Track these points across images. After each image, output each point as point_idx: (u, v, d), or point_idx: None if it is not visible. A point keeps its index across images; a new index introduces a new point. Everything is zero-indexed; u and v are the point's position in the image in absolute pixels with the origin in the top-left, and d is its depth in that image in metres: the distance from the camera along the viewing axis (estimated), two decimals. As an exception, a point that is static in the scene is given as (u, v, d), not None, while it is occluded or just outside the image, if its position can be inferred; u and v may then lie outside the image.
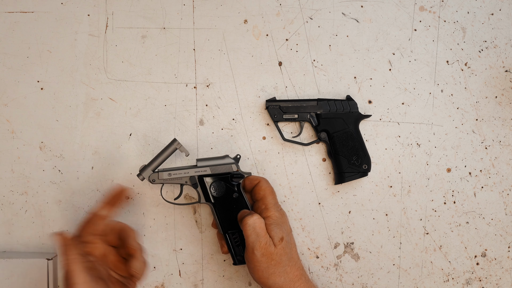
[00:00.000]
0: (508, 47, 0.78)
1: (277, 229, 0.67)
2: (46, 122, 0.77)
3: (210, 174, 0.70)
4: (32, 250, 0.76)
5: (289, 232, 0.69)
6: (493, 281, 0.78)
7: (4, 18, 0.77)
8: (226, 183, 0.70)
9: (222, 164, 0.71)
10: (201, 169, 0.71)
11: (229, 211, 0.70)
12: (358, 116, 0.75)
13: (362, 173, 0.75)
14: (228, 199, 0.70)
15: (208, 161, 0.71)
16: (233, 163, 0.71)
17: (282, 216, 0.69)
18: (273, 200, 0.70)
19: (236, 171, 0.70)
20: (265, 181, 0.71)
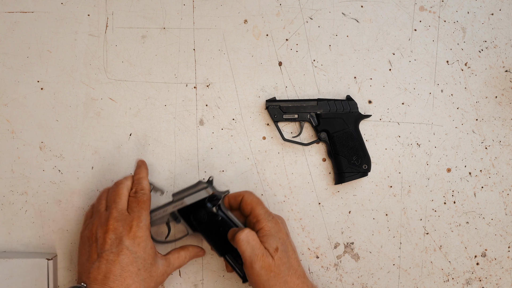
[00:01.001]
0: (508, 47, 0.78)
1: (271, 239, 0.66)
2: (46, 122, 0.77)
3: (187, 205, 0.70)
4: (32, 250, 0.76)
5: (285, 240, 0.68)
6: (493, 281, 0.78)
7: (4, 18, 0.77)
8: (205, 208, 0.70)
9: (195, 192, 0.70)
10: (177, 203, 0.70)
11: (219, 234, 0.70)
12: (358, 116, 0.75)
13: (362, 173, 0.75)
14: (213, 223, 0.70)
15: (183, 193, 0.71)
16: (205, 187, 0.70)
17: (276, 224, 0.68)
18: (262, 211, 0.69)
19: (212, 193, 0.70)
20: (248, 194, 0.71)
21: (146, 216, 0.67)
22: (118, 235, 0.65)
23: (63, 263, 0.76)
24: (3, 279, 0.72)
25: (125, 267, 0.64)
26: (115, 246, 0.64)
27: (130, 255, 0.64)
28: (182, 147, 0.77)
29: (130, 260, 0.64)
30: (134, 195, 0.69)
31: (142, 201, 0.68)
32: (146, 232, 0.66)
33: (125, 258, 0.64)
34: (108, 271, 0.63)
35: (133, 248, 0.65)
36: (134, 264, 0.64)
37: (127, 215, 0.67)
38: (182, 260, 0.71)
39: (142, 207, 0.67)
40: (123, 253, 0.64)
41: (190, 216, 0.70)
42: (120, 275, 0.63)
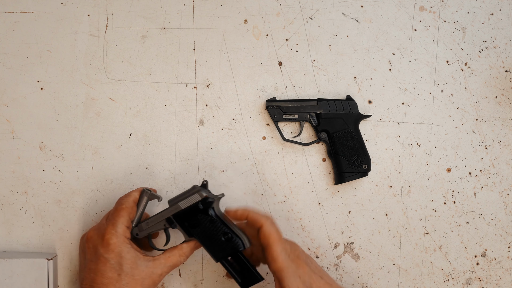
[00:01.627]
0: (508, 47, 0.78)
1: (292, 279, 0.65)
2: (46, 122, 0.77)
3: (182, 209, 0.69)
4: (32, 250, 0.76)
5: (308, 275, 0.66)
6: (493, 281, 0.78)
7: (4, 18, 0.77)
8: (199, 212, 0.69)
9: (189, 195, 0.69)
10: (172, 208, 0.70)
11: (213, 238, 0.69)
12: (358, 116, 0.75)
13: (362, 173, 0.75)
14: (206, 227, 0.69)
15: (178, 198, 0.70)
16: (198, 190, 0.69)
17: (293, 262, 0.66)
18: (280, 250, 0.66)
19: (205, 196, 0.69)
20: (268, 225, 0.67)
21: (121, 223, 0.67)
22: (94, 243, 0.67)
23: (63, 263, 0.76)
24: (3, 279, 0.72)
25: (105, 274, 0.65)
26: (94, 255, 0.66)
27: (107, 262, 0.65)
28: (182, 147, 0.77)
29: (108, 267, 0.65)
30: (116, 203, 0.69)
31: (120, 208, 0.68)
32: (120, 238, 0.66)
33: (102, 266, 0.65)
34: (93, 280, 0.65)
35: (107, 255, 0.65)
36: (112, 271, 0.65)
37: (103, 225, 0.68)
38: (176, 259, 0.69)
39: (117, 215, 0.67)
40: (100, 261, 0.65)
41: (184, 221, 0.69)
42: (102, 282, 0.64)
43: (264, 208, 0.77)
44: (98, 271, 0.65)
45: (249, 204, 0.77)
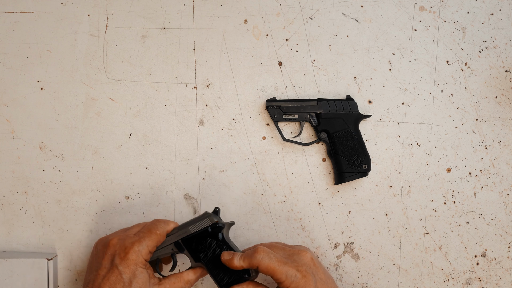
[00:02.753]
0: (508, 47, 0.78)
1: None
2: (46, 122, 0.77)
3: (191, 233, 0.69)
4: (32, 250, 0.76)
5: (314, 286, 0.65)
6: (493, 281, 0.78)
7: (4, 18, 0.77)
8: (209, 237, 0.69)
9: (199, 220, 0.69)
10: (182, 232, 0.69)
11: (220, 264, 0.68)
12: (358, 116, 0.75)
13: (362, 173, 0.75)
14: (214, 253, 0.68)
15: (187, 223, 0.70)
16: (209, 215, 0.69)
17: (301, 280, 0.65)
18: (281, 275, 0.65)
19: (215, 222, 0.68)
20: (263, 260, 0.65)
21: (147, 245, 0.66)
22: (113, 252, 0.66)
23: (63, 263, 0.76)
24: (3, 279, 0.72)
25: (113, 286, 0.64)
26: (108, 263, 0.66)
27: (118, 275, 0.64)
28: (182, 147, 0.77)
29: (118, 280, 0.64)
30: (149, 225, 0.69)
31: (154, 232, 0.67)
32: (139, 258, 0.65)
33: (113, 276, 0.64)
34: (99, 286, 0.64)
35: (122, 268, 0.65)
36: (121, 284, 0.64)
37: (130, 237, 0.67)
38: (180, 286, 0.68)
39: (149, 236, 0.67)
40: (113, 271, 0.65)
41: (192, 243, 0.69)
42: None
43: (264, 208, 0.77)
44: (107, 280, 0.64)
45: (248, 204, 0.77)
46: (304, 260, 0.67)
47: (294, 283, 0.65)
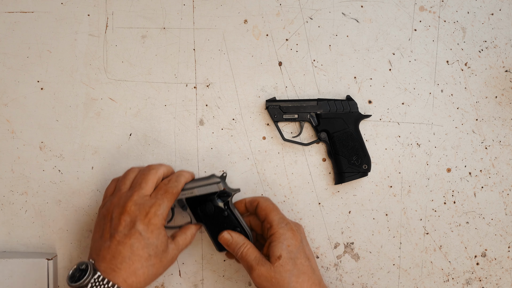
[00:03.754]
0: (508, 47, 0.78)
1: (276, 247, 0.66)
2: (46, 122, 0.77)
3: (197, 195, 0.70)
4: (32, 250, 0.76)
5: (296, 247, 0.67)
6: (493, 281, 0.78)
7: (4, 18, 0.77)
8: (214, 202, 0.70)
9: (207, 185, 0.70)
10: (187, 192, 0.70)
11: (221, 230, 0.70)
12: (358, 116, 0.75)
13: (362, 173, 0.75)
14: (218, 217, 0.70)
15: (194, 183, 0.70)
16: (218, 182, 0.70)
17: (288, 231, 0.68)
18: (276, 217, 0.69)
19: (223, 189, 0.70)
20: (264, 199, 0.71)
21: (166, 206, 0.67)
22: (133, 218, 0.65)
23: (63, 263, 0.76)
24: (3, 279, 0.72)
25: (135, 251, 0.63)
26: (128, 229, 0.64)
27: (142, 240, 0.64)
28: (182, 147, 0.77)
29: (142, 245, 0.64)
30: (166, 183, 0.68)
31: (171, 192, 0.68)
32: (161, 221, 0.66)
33: (136, 242, 0.64)
34: (118, 252, 0.63)
35: (145, 233, 0.64)
36: (145, 250, 0.64)
37: (148, 200, 0.66)
38: (188, 240, 0.71)
39: (167, 197, 0.67)
40: (135, 237, 0.64)
41: (197, 206, 0.70)
42: (129, 258, 0.63)
43: (264, 208, 0.77)
44: (128, 246, 0.63)
45: (249, 204, 0.77)
46: (297, 224, 0.72)
47: (282, 229, 0.68)
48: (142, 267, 0.64)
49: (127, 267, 0.63)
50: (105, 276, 0.62)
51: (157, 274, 0.66)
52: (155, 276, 0.66)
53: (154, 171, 0.69)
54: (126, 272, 0.63)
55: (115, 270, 0.62)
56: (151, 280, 0.66)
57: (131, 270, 0.63)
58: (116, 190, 0.69)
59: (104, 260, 0.63)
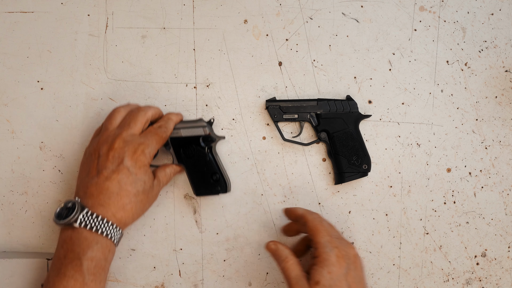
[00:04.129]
0: (508, 47, 0.78)
1: (317, 271, 0.62)
2: (46, 122, 0.77)
3: (182, 136, 0.72)
4: (32, 250, 0.76)
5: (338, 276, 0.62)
6: (493, 281, 0.78)
7: (4, 18, 0.77)
8: (197, 145, 0.72)
9: (193, 127, 0.72)
10: (173, 132, 0.72)
11: (201, 173, 0.72)
12: (358, 116, 0.75)
13: (362, 173, 0.75)
14: (199, 161, 0.72)
15: (181, 124, 0.73)
16: (204, 126, 0.72)
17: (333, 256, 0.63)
18: (323, 239, 0.64)
19: (208, 134, 0.72)
20: (312, 219, 0.67)
21: (154, 147, 0.67)
22: (121, 154, 0.65)
23: (63, 263, 0.76)
24: (3, 279, 0.72)
25: (123, 186, 0.64)
26: (116, 165, 0.65)
27: (130, 176, 0.64)
28: (182, 147, 0.77)
29: (130, 181, 0.64)
30: (155, 128, 0.69)
31: (160, 136, 0.69)
32: (148, 160, 0.67)
33: (124, 177, 0.64)
34: (105, 188, 0.63)
35: (133, 169, 0.65)
36: (133, 185, 0.64)
37: (137, 138, 0.67)
38: (168, 177, 0.72)
39: (156, 139, 0.68)
40: (123, 172, 0.64)
41: (180, 147, 0.72)
42: (117, 193, 0.64)
43: (264, 208, 0.77)
44: (115, 181, 0.64)
45: (248, 204, 0.77)
46: (347, 250, 0.65)
47: (326, 254, 0.63)
48: (130, 203, 0.64)
49: (116, 202, 0.63)
50: (94, 211, 0.62)
51: (144, 210, 0.67)
52: (142, 212, 0.67)
53: (143, 112, 0.69)
54: (115, 207, 0.63)
55: (103, 205, 0.63)
56: (138, 216, 0.67)
57: (119, 205, 0.64)
58: (103, 130, 0.69)
59: (92, 196, 0.63)
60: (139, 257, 0.76)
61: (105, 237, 0.62)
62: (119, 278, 0.76)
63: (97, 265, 0.62)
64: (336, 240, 0.65)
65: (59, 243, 0.63)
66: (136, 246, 0.77)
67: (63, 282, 0.60)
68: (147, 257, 0.76)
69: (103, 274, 0.63)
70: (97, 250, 0.62)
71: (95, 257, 0.61)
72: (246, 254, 0.77)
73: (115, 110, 0.71)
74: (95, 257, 0.61)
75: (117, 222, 0.64)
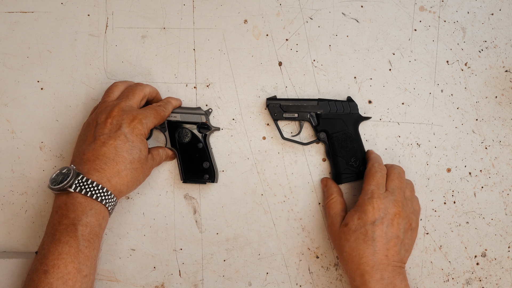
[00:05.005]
0: (508, 47, 0.78)
1: (350, 214, 0.69)
2: (46, 122, 0.77)
3: (179, 121, 0.73)
4: (32, 250, 0.76)
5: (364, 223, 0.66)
6: (493, 281, 0.78)
7: (4, 18, 0.77)
8: (193, 132, 0.73)
9: (191, 113, 0.74)
10: (171, 115, 0.73)
11: (192, 160, 0.74)
12: (358, 118, 0.75)
13: (359, 175, 0.75)
14: (192, 147, 0.74)
15: (180, 109, 0.74)
16: (202, 114, 0.74)
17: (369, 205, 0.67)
18: (368, 186, 0.69)
19: (204, 122, 0.74)
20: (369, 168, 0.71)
21: (151, 121, 0.68)
22: (119, 121, 0.65)
23: (63, 263, 0.76)
24: (3, 279, 0.72)
25: (119, 152, 0.64)
26: (113, 131, 0.65)
27: (127, 142, 0.65)
28: (182, 147, 0.77)
29: (126, 147, 0.65)
30: (155, 105, 0.70)
31: (158, 112, 0.70)
32: (145, 130, 0.67)
33: (120, 143, 0.64)
34: (101, 153, 0.64)
35: (130, 136, 0.65)
36: (129, 152, 0.65)
37: (135, 109, 0.68)
38: (160, 157, 0.73)
39: (154, 114, 0.69)
40: (120, 138, 0.64)
41: (176, 131, 0.73)
42: (113, 159, 0.64)
43: (264, 208, 0.77)
44: (112, 147, 0.64)
45: (248, 204, 0.77)
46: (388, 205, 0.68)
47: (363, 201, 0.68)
48: (126, 169, 0.65)
49: (111, 167, 0.63)
50: (89, 177, 0.62)
51: (138, 180, 0.67)
52: (136, 182, 0.67)
53: (141, 87, 0.71)
54: (110, 172, 0.63)
55: (99, 170, 0.63)
56: (132, 185, 0.67)
57: (114, 170, 0.64)
58: (101, 102, 0.70)
59: (88, 162, 0.63)
60: (139, 257, 0.77)
61: (100, 202, 0.62)
62: (119, 278, 0.76)
63: (92, 231, 0.62)
64: (384, 193, 0.68)
65: (53, 209, 0.63)
66: (136, 246, 0.77)
67: (58, 248, 0.60)
68: (147, 257, 0.76)
69: (97, 241, 0.63)
70: (91, 216, 0.62)
71: (90, 223, 0.61)
72: (246, 254, 0.77)
73: (113, 84, 0.72)
74: (89, 223, 0.61)
75: (112, 189, 0.64)
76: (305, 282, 0.77)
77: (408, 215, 0.68)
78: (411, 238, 0.69)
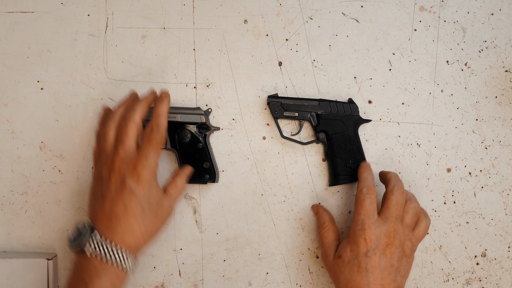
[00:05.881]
0: (508, 47, 0.78)
1: (342, 245, 0.69)
2: (46, 122, 0.77)
3: (179, 121, 0.74)
4: (32, 250, 0.77)
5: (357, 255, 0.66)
6: (493, 281, 0.78)
7: (4, 18, 0.77)
8: (192, 132, 0.74)
9: (191, 114, 0.74)
10: (171, 116, 0.73)
11: (192, 160, 0.74)
12: (358, 120, 0.75)
13: (356, 177, 0.74)
14: (192, 148, 0.74)
15: (178, 109, 0.74)
16: (202, 114, 0.74)
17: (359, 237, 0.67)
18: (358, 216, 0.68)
19: (204, 122, 0.74)
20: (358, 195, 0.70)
21: (153, 155, 0.65)
22: (122, 174, 0.64)
23: (63, 263, 0.77)
24: (3, 279, 0.72)
25: (128, 208, 0.63)
26: (119, 188, 0.64)
27: (133, 196, 0.63)
28: (182, 147, 0.77)
29: (134, 201, 0.63)
30: (148, 133, 0.66)
31: (154, 141, 0.66)
32: (150, 174, 0.65)
33: (128, 198, 0.63)
34: (111, 211, 0.63)
35: (136, 188, 0.63)
36: (138, 205, 0.63)
37: (133, 154, 0.65)
38: (180, 189, 0.70)
39: (151, 147, 0.65)
40: (127, 193, 0.63)
41: (175, 132, 0.74)
42: (123, 215, 0.63)
43: (264, 208, 0.77)
44: (120, 203, 0.63)
45: (248, 204, 0.77)
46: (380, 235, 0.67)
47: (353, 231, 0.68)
48: (137, 223, 0.63)
49: (123, 225, 0.63)
50: (102, 235, 0.62)
51: (155, 229, 0.66)
52: (153, 232, 0.66)
53: (132, 121, 0.66)
54: (122, 230, 0.62)
55: (111, 229, 0.62)
56: (150, 237, 0.65)
57: (126, 227, 0.63)
58: (101, 152, 0.68)
59: (101, 221, 0.63)
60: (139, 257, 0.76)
61: (114, 266, 0.62)
62: (119, 278, 0.76)
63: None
64: (375, 222, 0.67)
65: (72, 266, 0.64)
66: (136, 246, 0.77)
67: None
68: (147, 257, 0.76)
69: None
70: (105, 280, 0.61)
71: (102, 287, 0.61)
72: (246, 254, 0.77)
73: (106, 127, 0.67)
74: (101, 286, 0.61)
75: (127, 247, 0.63)
76: (305, 282, 0.77)
77: (402, 243, 0.68)
78: (406, 265, 0.68)
